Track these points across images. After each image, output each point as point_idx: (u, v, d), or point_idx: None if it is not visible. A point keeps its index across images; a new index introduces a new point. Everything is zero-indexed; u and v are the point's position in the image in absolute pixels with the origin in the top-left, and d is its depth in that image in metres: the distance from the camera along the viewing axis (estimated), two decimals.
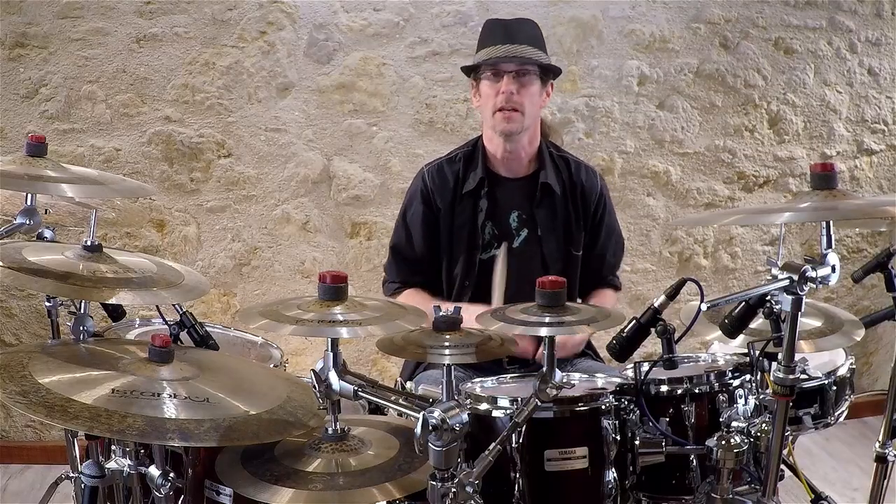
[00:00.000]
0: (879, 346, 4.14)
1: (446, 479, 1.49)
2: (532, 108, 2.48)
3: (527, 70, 2.45)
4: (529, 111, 2.47)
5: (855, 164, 4.13)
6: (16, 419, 3.77)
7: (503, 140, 2.51)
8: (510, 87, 2.42)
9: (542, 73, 2.49)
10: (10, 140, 3.55)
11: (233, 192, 3.67)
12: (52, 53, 3.52)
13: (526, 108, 2.45)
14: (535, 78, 2.46)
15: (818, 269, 1.69)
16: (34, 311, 3.67)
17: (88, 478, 1.68)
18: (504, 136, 2.49)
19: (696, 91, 3.89)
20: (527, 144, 2.55)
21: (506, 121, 2.45)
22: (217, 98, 3.60)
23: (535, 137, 2.57)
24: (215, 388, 1.59)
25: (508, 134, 2.48)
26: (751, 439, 1.85)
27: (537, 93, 2.48)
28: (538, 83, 2.48)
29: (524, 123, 2.47)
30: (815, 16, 3.94)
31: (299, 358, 3.59)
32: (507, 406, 1.85)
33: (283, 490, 1.56)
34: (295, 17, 3.60)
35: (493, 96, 2.45)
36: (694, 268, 4.00)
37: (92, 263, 1.76)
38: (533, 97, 2.47)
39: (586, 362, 2.53)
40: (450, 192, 2.56)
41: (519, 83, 2.43)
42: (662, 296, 1.75)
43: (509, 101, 2.43)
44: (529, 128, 2.51)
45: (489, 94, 2.47)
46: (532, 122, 2.51)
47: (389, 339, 1.71)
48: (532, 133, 2.54)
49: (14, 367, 1.51)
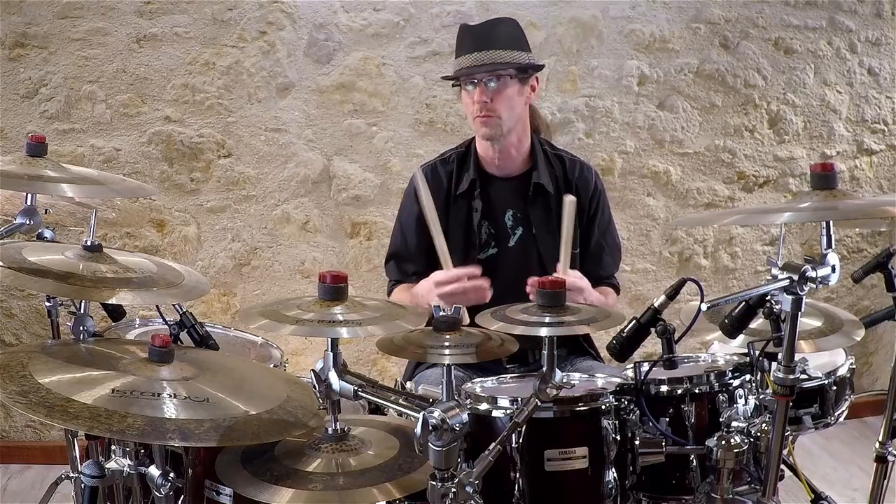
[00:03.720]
0: (879, 346, 4.14)
1: (446, 479, 1.49)
2: (511, 111, 2.45)
3: (499, 75, 2.42)
4: (507, 115, 2.45)
5: (855, 164, 4.13)
6: (16, 419, 3.77)
7: (489, 143, 2.52)
8: (483, 97, 2.42)
9: (521, 70, 2.46)
10: (10, 140, 3.55)
11: (233, 192, 3.67)
12: (52, 53, 3.52)
13: (503, 113, 2.44)
14: (509, 80, 2.43)
15: (818, 269, 1.69)
16: (34, 311, 3.67)
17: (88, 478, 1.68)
18: (487, 140, 2.50)
19: (696, 91, 3.89)
20: (516, 142, 2.54)
21: (482, 125, 2.45)
22: (217, 98, 3.60)
23: (525, 135, 2.56)
24: (215, 388, 1.59)
25: (490, 138, 2.49)
26: (751, 439, 1.85)
27: (515, 94, 2.45)
28: (516, 84, 2.44)
29: (503, 127, 2.46)
30: (815, 16, 3.94)
31: (299, 358, 3.59)
32: (507, 406, 1.84)
33: (283, 490, 1.56)
34: (295, 17, 3.60)
35: (470, 104, 2.47)
36: (694, 268, 4.00)
37: (92, 263, 1.76)
38: (510, 100, 2.44)
39: (586, 362, 2.53)
40: (444, 192, 2.56)
41: (492, 91, 2.41)
42: (662, 296, 1.75)
43: (483, 109, 2.43)
44: (514, 128, 2.49)
45: (468, 103, 2.49)
46: (514, 122, 2.48)
47: (389, 339, 1.71)
48: (520, 132, 2.53)
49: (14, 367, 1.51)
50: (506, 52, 2.43)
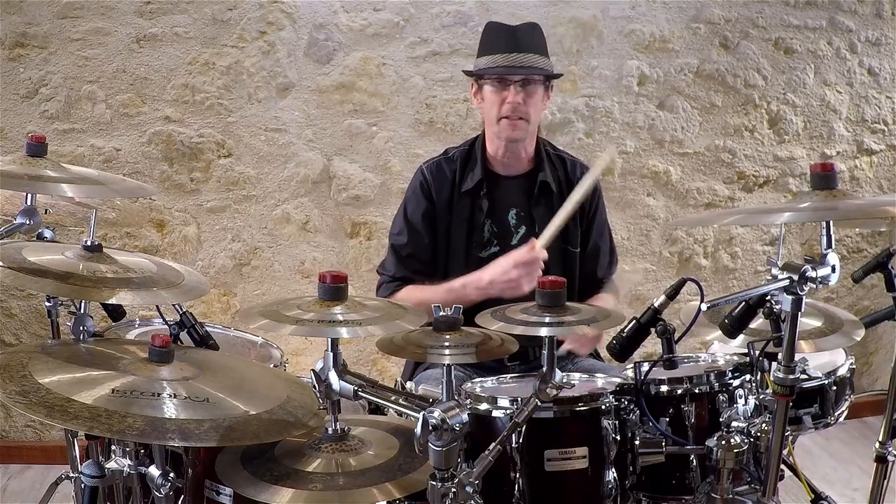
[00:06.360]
0: (879, 346, 4.14)
1: (446, 479, 1.49)
2: (537, 116, 2.53)
3: (535, 79, 2.46)
4: (534, 119, 2.51)
5: (855, 164, 4.13)
6: (16, 419, 3.77)
7: (505, 143, 2.52)
8: (517, 97, 2.44)
9: (545, 78, 2.51)
10: (10, 140, 3.55)
11: (233, 192, 3.67)
12: (52, 53, 3.52)
13: (531, 117, 2.49)
14: (539, 86, 2.49)
15: (818, 269, 1.69)
16: (34, 311, 3.67)
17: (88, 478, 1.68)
18: (512, 141, 2.52)
19: (696, 91, 3.89)
20: (527, 144, 2.57)
21: (511, 129, 2.48)
22: (217, 98, 3.60)
23: (534, 137, 2.59)
24: (215, 388, 1.59)
25: (515, 140, 2.51)
26: (751, 439, 1.85)
27: (541, 99, 2.52)
28: (542, 90, 2.51)
29: (528, 130, 2.51)
30: (815, 16, 3.94)
31: (299, 358, 3.59)
32: (507, 406, 1.84)
33: (283, 490, 1.56)
34: (295, 17, 3.60)
35: (497, 104, 2.47)
36: (694, 268, 4.00)
37: (92, 263, 1.76)
38: (537, 104, 2.51)
39: (586, 362, 2.53)
40: (448, 189, 2.57)
41: (525, 93, 2.45)
42: (662, 296, 1.76)
43: (516, 111, 2.45)
44: (532, 132, 2.54)
45: (494, 101, 2.48)
46: (535, 126, 2.54)
47: (389, 339, 1.71)
48: (532, 134, 2.56)
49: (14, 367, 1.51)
50: (540, 58, 2.49)
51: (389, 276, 2.62)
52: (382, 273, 2.65)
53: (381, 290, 2.61)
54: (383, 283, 2.63)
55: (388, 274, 2.62)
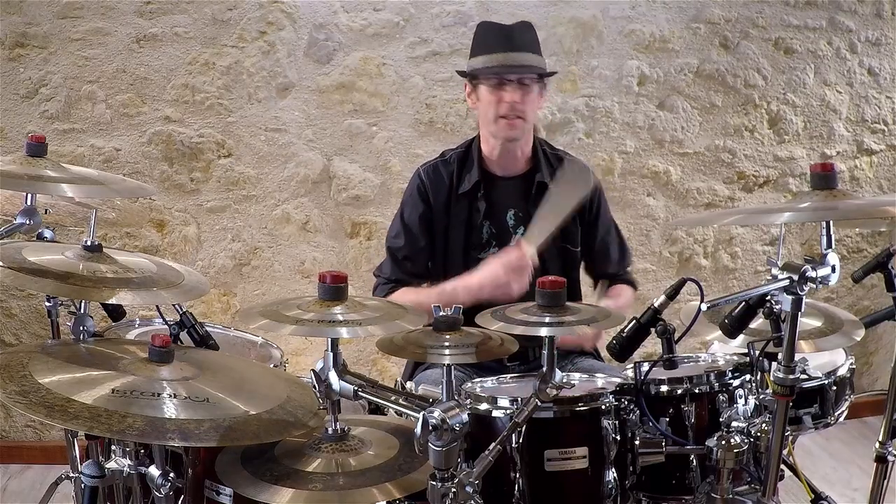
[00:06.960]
0: (879, 346, 4.14)
1: (446, 479, 1.49)
2: (533, 115, 2.53)
3: (530, 78, 2.46)
4: (531, 118, 2.51)
5: (855, 164, 4.13)
6: (16, 419, 3.77)
7: (502, 143, 2.52)
8: (514, 96, 2.44)
9: (540, 76, 2.51)
10: (10, 140, 3.55)
11: (233, 192, 3.67)
12: (52, 53, 3.52)
13: (528, 115, 2.49)
14: (535, 85, 2.48)
15: (818, 269, 1.69)
16: (34, 311, 3.67)
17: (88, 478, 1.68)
18: (509, 141, 2.51)
19: (696, 91, 3.89)
20: (524, 144, 2.57)
21: (509, 128, 2.48)
22: (217, 98, 3.60)
23: (531, 136, 2.59)
24: (215, 388, 1.59)
25: (512, 140, 2.51)
26: (751, 439, 1.85)
27: (537, 98, 2.52)
28: (537, 88, 2.50)
29: (525, 129, 2.51)
30: (815, 16, 3.94)
31: (299, 358, 3.59)
32: (507, 406, 1.85)
33: (283, 490, 1.56)
34: (295, 17, 3.60)
35: (494, 103, 2.46)
36: (694, 268, 4.00)
37: (92, 263, 1.76)
38: (533, 103, 2.51)
39: (586, 362, 2.53)
40: (445, 191, 2.57)
41: (522, 91, 2.45)
42: (662, 296, 1.76)
43: (513, 110, 2.45)
44: (528, 130, 2.54)
45: (490, 101, 2.48)
46: (531, 125, 2.54)
47: (389, 339, 1.71)
48: (528, 133, 2.56)
49: (14, 367, 1.51)
50: (534, 57, 2.49)
51: (385, 278, 2.62)
52: (379, 275, 2.66)
53: (377, 292, 2.62)
54: (379, 285, 2.64)
55: (383, 276, 2.63)
